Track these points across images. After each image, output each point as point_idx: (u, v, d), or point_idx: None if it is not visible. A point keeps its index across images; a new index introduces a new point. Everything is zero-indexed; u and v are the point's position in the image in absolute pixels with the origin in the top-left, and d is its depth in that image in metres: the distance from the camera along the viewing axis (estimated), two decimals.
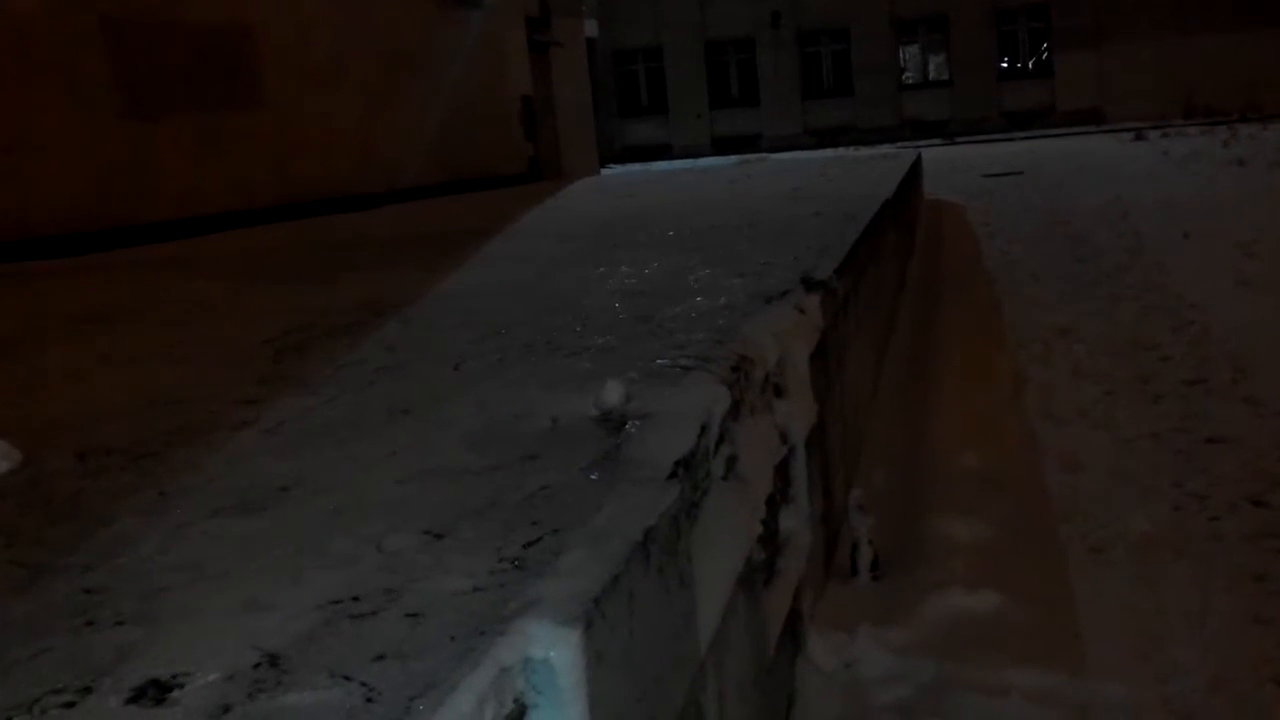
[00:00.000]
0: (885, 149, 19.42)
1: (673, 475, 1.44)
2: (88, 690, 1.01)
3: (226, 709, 0.93)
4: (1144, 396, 4.14)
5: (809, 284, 2.91)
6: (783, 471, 2.29)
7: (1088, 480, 3.26)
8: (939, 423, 3.95)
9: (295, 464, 1.66)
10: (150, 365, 2.63)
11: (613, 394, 1.70)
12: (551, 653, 1.00)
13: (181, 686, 0.99)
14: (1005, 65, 29.28)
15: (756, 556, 1.88)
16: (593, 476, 1.44)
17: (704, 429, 1.65)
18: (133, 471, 1.73)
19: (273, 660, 1.01)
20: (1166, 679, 2.02)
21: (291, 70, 8.29)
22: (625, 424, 1.64)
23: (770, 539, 2.11)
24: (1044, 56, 29.14)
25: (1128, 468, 3.36)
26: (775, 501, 2.20)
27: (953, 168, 15.82)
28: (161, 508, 1.53)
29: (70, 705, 0.98)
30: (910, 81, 30.04)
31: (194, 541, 1.38)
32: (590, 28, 17.39)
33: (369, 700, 0.92)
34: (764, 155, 21.34)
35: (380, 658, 0.99)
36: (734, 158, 19.59)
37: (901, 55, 29.95)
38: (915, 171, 9.58)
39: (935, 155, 17.14)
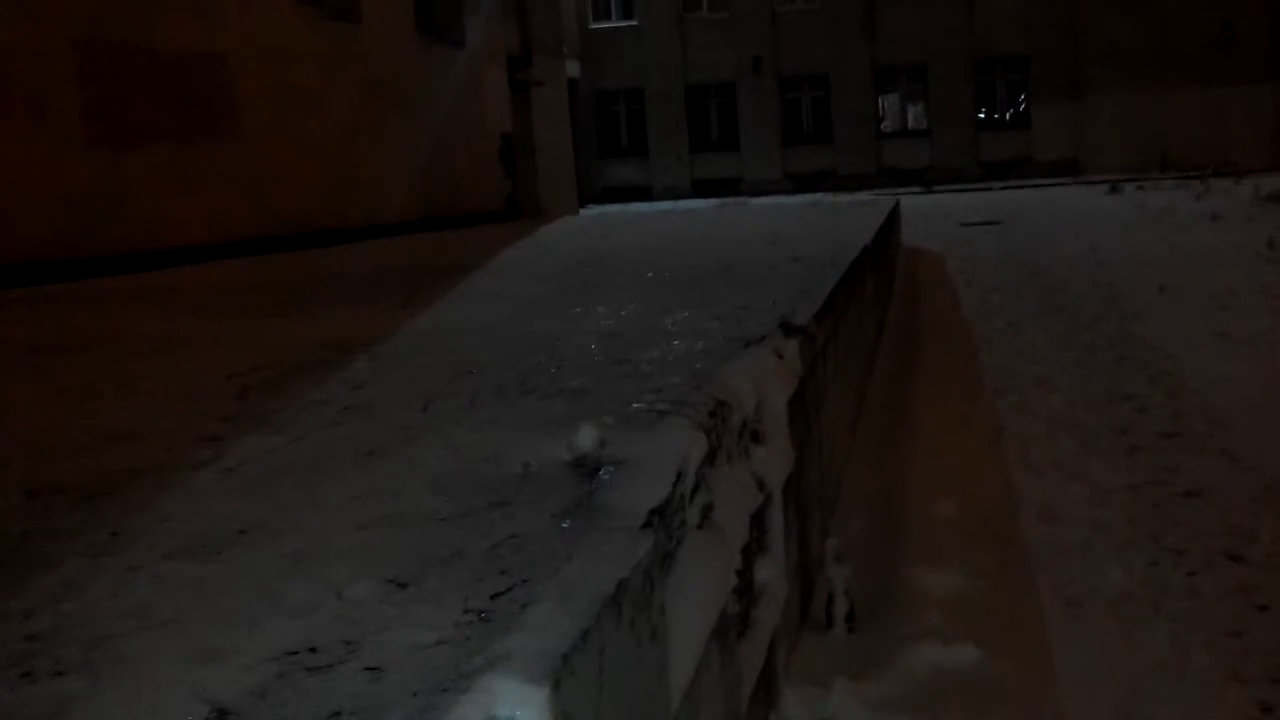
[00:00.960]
0: (863, 196, 19.67)
1: (646, 524, 1.40)
2: None
3: None
4: (1121, 448, 4.15)
5: (788, 329, 2.89)
6: (759, 520, 2.25)
7: (1065, 532, 3.25)
8: (916, 471, 3.93)
9: (254, 505, 1.60)
10: (110, 399, 2.56)
11: (586, 439, 1.66)
12: (518, 713, 0.95)
13: None
14: (983, 116, 29.88)
15: (731, 608, 1.83)
16: (564, 525, 1.39)
17: (679, 476, 1.61)
18: (84, 511, 1.66)
19: (222, 716, 0.96)
20: None
21: (269, 102, 8.28)
22: (599, 470, 1.60)
23: (745, 589, 2.06)
24: (1022, 108, 29.77)
25: (1105, 520, 3.35)
26: (751, 551, 2.15)
27: (930, 216, 16.03)
28: (112, 549, 1.46)
29: None
30: (889, 130, 30.56)
31: (144, 586, 1.32)
32: (572, 68, 17.58)
33: None
34: (744, 199, 21.54)
35: (336, 714, 0.94)
36: (714, 201, 19.75)
37: (881, 104, 30.50)
38: (894, 219, 9.68)
39: (913, 203, 17.36)
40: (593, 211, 15.29)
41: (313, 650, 1.08)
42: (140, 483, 1.77)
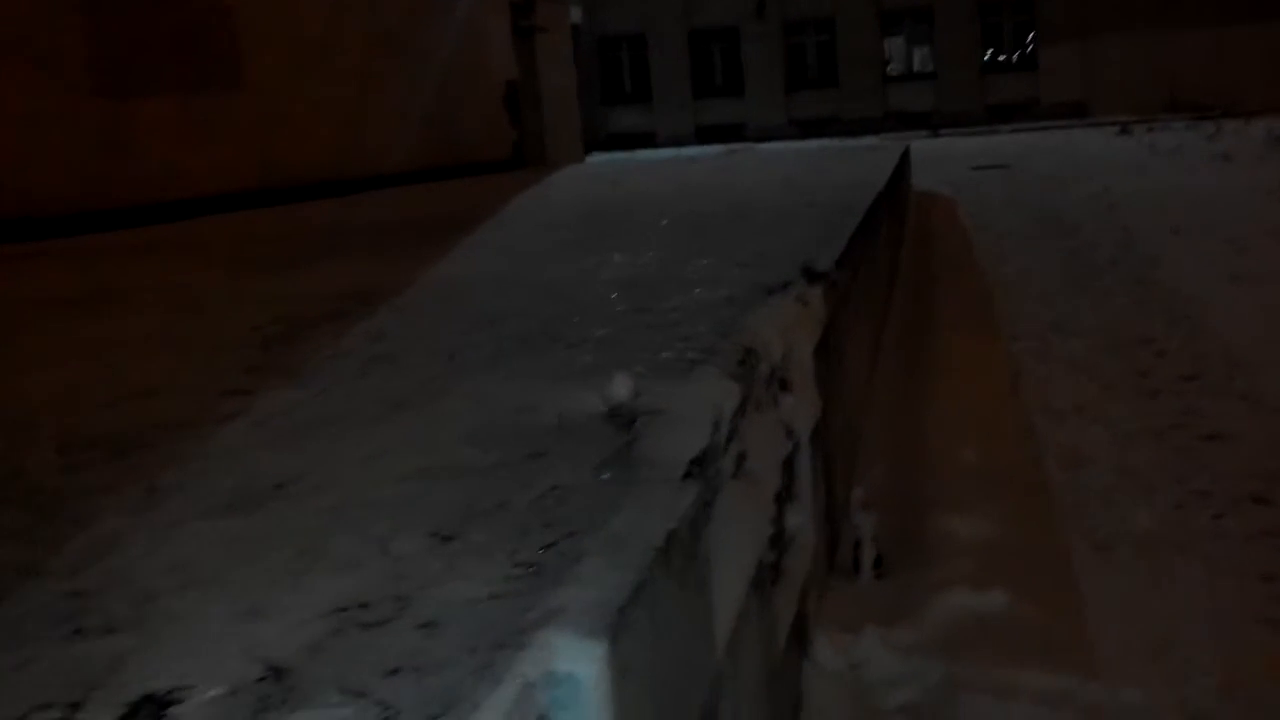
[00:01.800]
0: (870, 141, 19.39)
1: (688, 475, 1.38)
2: (77, 706, 0.93)
3: None
4: (1142, 392, 4.13)
5: (811, 275, 2.85)
6: (787, 468, 2.24)
7: (1089, 477, 3.24)
8: (936, 417, 3.91)
9: (289, 459, 1.59)
10: (131, 353, 2.53)
11: (621, 388, 1.64)
12: (577, 667, 0.94)
13: (180, 702, 0.92)
14: (990, 58, 29.34)
15: (767, 557, 1.82)
16: (605, 476, 1.37)
17: (716, 425, 1.59)
18: (117, 465, 1.65)
19: (278, 674, 0.95)
20: (1180, 681, 1.98)
21: (275, 51, 8.13)
22: (635, 420, 1.58)
23: (777, 538, 2.05)
24: (1028, 49, 29.22)
25: (1128, 464, 3.34)
26: (781, 499, 2.14)
27: (939, 160, 15.82)
28: (149, 505, 1.45)
29: None
30: (895, 73, 30.05)
31: (185, 542, 1.31)
32: (575, 14, 17.24)
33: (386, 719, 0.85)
34: (750, 145, 21.27)
35: (394, 672, 0.93)
36: (719, 147, 19.50)
37: (886, 47, 29.96)
38: (904, 163, 9.54)
39: (921, 147, 17.13)
40: (599, 159, 15.12)
41: (364, 606, 1.07)
42: (171, 437, 1.76)
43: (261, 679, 0.94)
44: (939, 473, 3.32)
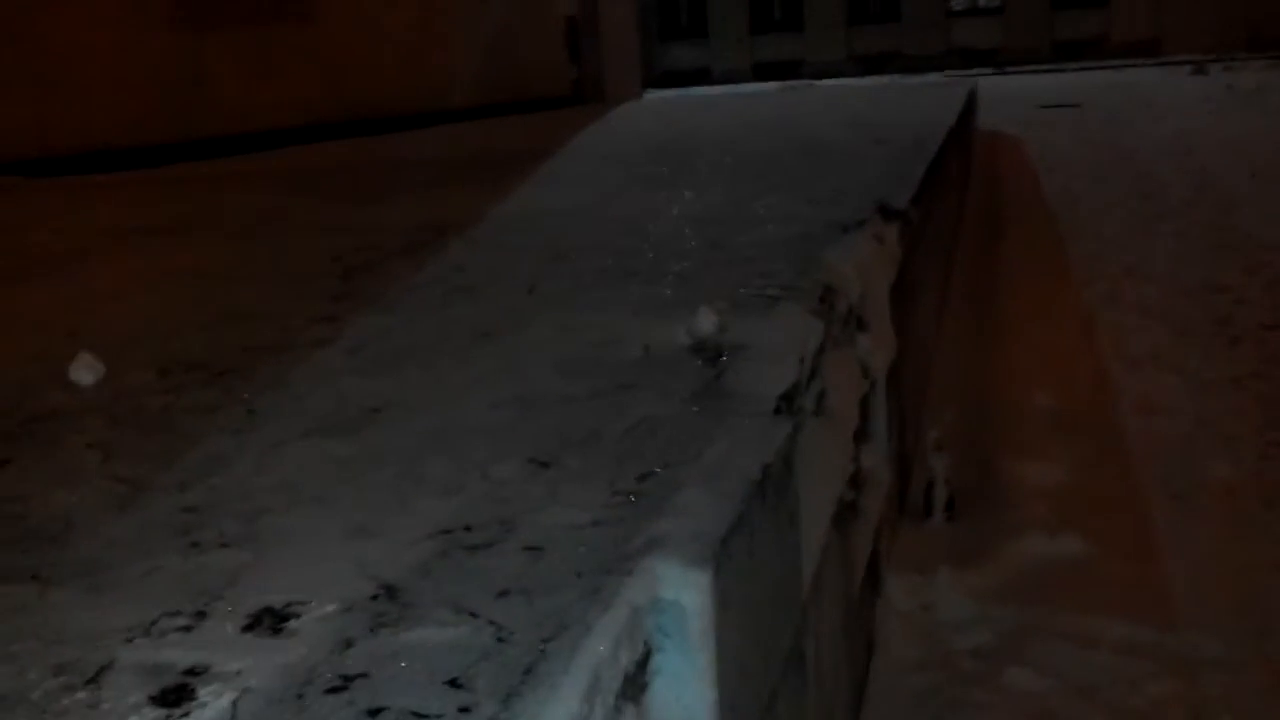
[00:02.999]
0: (932, 78, 18.79)
1: (778, 410, 1.38)
2: (202, 615, 0.97)
3: (349, 643, 0.89)
4: (1221, 340, 4.01)
5: (886, 213, 2.79)
6: (863, 408, 2.22)
7: (1165, 424, 3.17)
8: (1007, 362, 3.85)
9: (383, 384, 1.61)
10: (219, 279, 2.59)
11: (706, 322, 1.63)
12: (682, 594, 0.95)
13: (298, 616, 0.95)
14: None
15: (846, 495, 1.82)
16: (695, 408, 1.37)
17: (801, 361, 1.58)
18: (216, 388, 1.69)
19: (390, 592, 0.97)
20: (1265, 636, 1.95)
21: None
22: (721, 354, 1.57)
23: (854, 477, 2.05)
24: None
25: (1207, 412, 3.25)
26: (857, 439, 2.13)
27: (1005, 98, 15.27)
28: (251, 426, 1.49)
29: (187, 629, 0.95)
30: (959, 8, 28.95)
31: (288, 462, 1.34)
32: None
33: (500, 640, 0.87)
34: (809, 82, 20.74)
35: (504, 593, 0.95)
36: (777, 84, 19.05)
37: None
38: (971, 102, 9.24)
39: (986, 85, 16.51)
40: (656, 96, 14.88)
41: (468, 529, 1.09)
42: (266, 361, 1.79)
43: (374, 597, 0.96)
44: (1011, 417, 3.27)
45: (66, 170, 5.51)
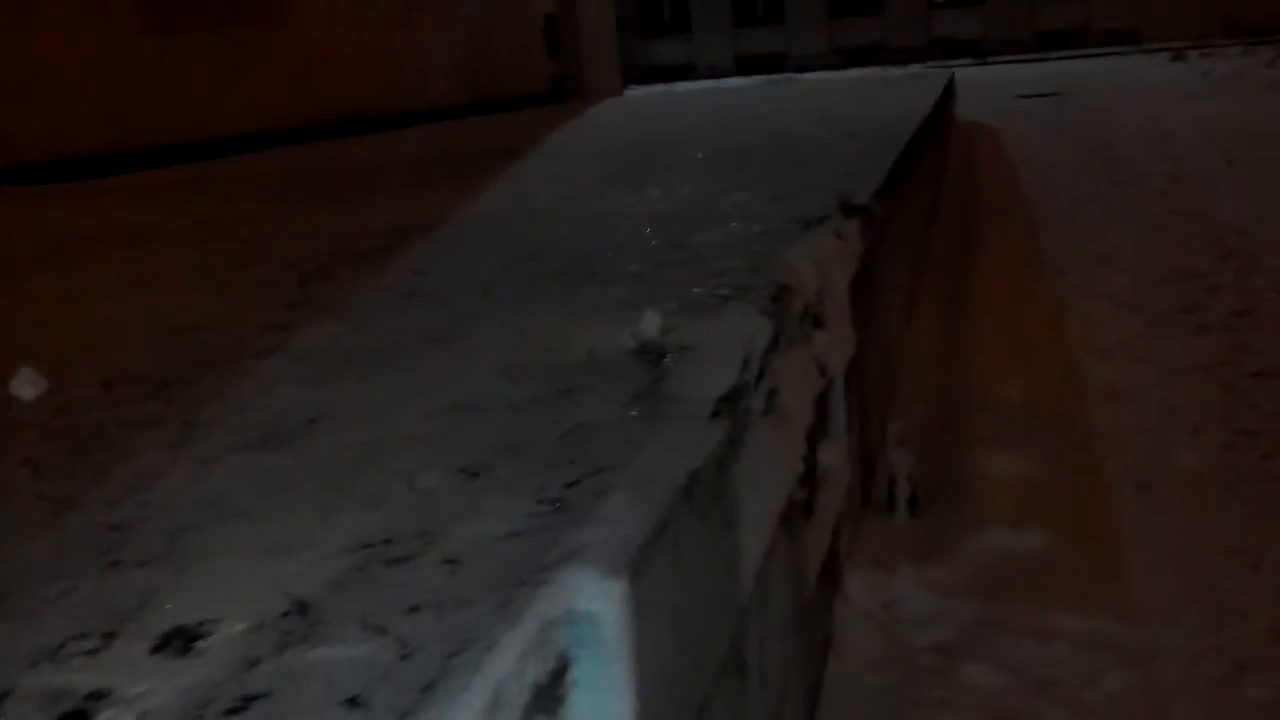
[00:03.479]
0: (915, 69, 18.81)
1: (715, 413, 1.37)
2: (112, 636, 0.96)
3: (254, 663, 0.88)
4: (1189, 327, 4.02)
5: (848, 209, 2.79)
6: (821, 405, 2.21)
7: (1133, 414, 3.17)
8: (978, 353, 3.85)
9: (323, 394, 1.60)
10: (174, 289, 2.57)
11: (650, 325, 1.62)
12: (596, 605, 0.94)
13: (208, 636, 0.94)
14: None
15: (797, 495, 1.81)
16: (633, 413, 1.36)
17: (746, 363, 1.57)
18: (158, 400, 1.67)
19: (302, 609, 0.96)
20: (1222, 626, 1.95)
21: None
22: (664, 357, 1.56)
23: (809, 475, 2.04)
24: None
25: (1174, 401, 3.26)
26: (814, 436, 2.13)
27: (984, 89, 15.31)
28: (186, 440, 1.47)
29: (94, 652, 0.94)
30: (941, 0, 29.02)
31: (219, 476, 1.33)
32: None
33: (403, 657, 0.86)
34: (791, 76, 20.77)
35: (415, 609, 0.94)
36: (760, 78, 19.07)
37: None
38: (948, 93, 9.26)
39: (967, 76, 16.55)
40: (638, 92, 14.87)
41: (388, 542, 1.08)
42: (212, 372, 1.78)
43: (286, 614, 0.95)
44: (979, 410, 3.27)
45: (36, 179, 5.48)
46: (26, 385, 1.72)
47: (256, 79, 7.40)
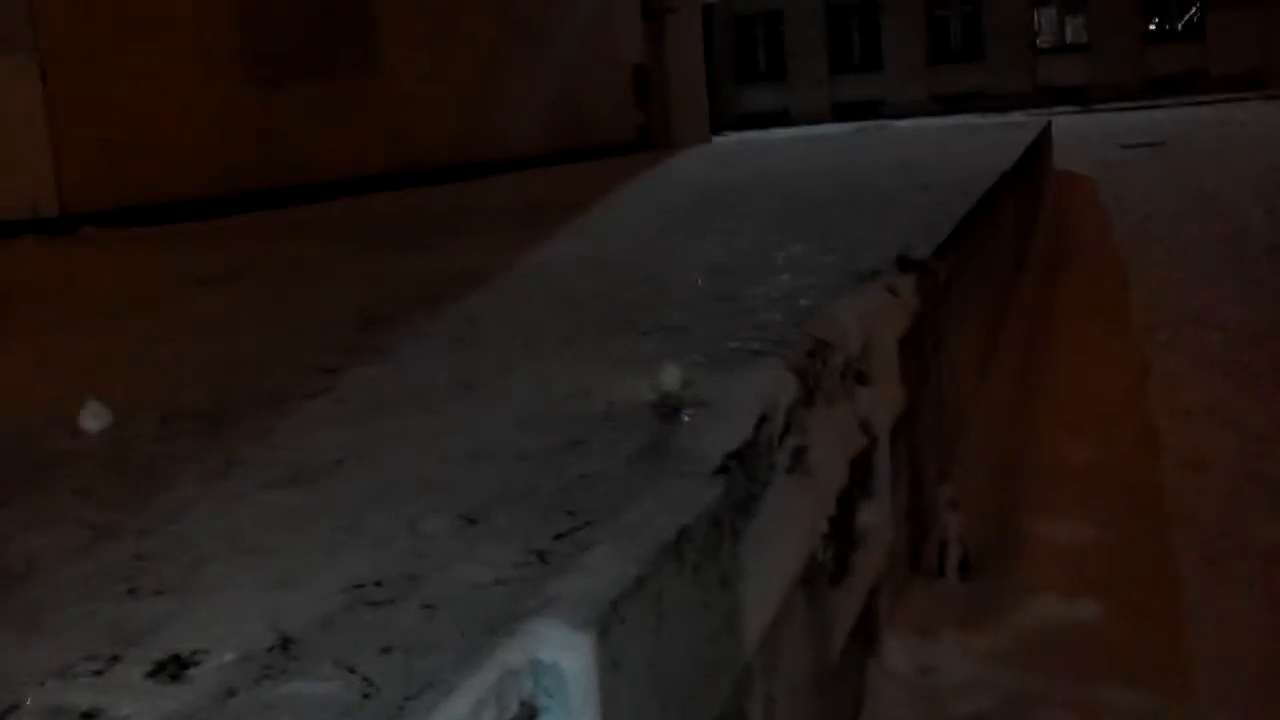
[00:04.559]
0: (1016, 116, 18.46)
1: (722, 469, 1.37)
2: (116, 659, 1.02)
3: (232, 693, 0.93)
4: None
5: (904, 263, 2.76)
6: (864, 464, 2.18)
7: (1212, 482, 3.02)
8: (1051, 413, 3.72)
9: (354, 436, 1.67)
10: (244, 328, 2.71)
11: (669, 378, 1.64)
12: (561, 657, 0.96)
13: (199, 664, 0.99)
14: (1152, 27, 27.35)
15: (822, 554, 1.79)
16: (636, 467, 1.38)
17: (763, 419, 1.57)
18: (207, 437, 1.77)
19: (286, 644, 1.01)
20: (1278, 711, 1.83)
21: (406, 36, 8.44)
22: (679, 411, 1.58)
23: (844, 534, 2.01)
24: (1194, 17, 27.07)
25: (1260, 470, 3.09)
26: (852, 496, 2.10)
27: (1088, 137, 14.92)
28: (223, 475, 1.56)
29: (98, 673, 1.00)
30: (1045, 45, 28.45)
31: (244, 512, 1.40)
32: None
33: (365, 696, 0.89)
34: (884, 123, 20.64)
35: (387, 650, 0.97)
36: (852, 125, 19.01)
37: (1036, 17, 28.35)
38: (1042, 141, 9.06)
39: (1070, 123, 16.17)
40: (728, 139, 15.00)
41: (378, 584, 1.12)
42: (261, 411, 1.87)
43: (271, 648, 1.00)
44: (1045, 471, 3.16)
45: (142, 221, 5.86)
46: (93, 418, 1.84)
47: (349, 127, 7.78)
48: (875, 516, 2.23)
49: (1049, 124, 10.02)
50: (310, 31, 7.56)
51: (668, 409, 1.59)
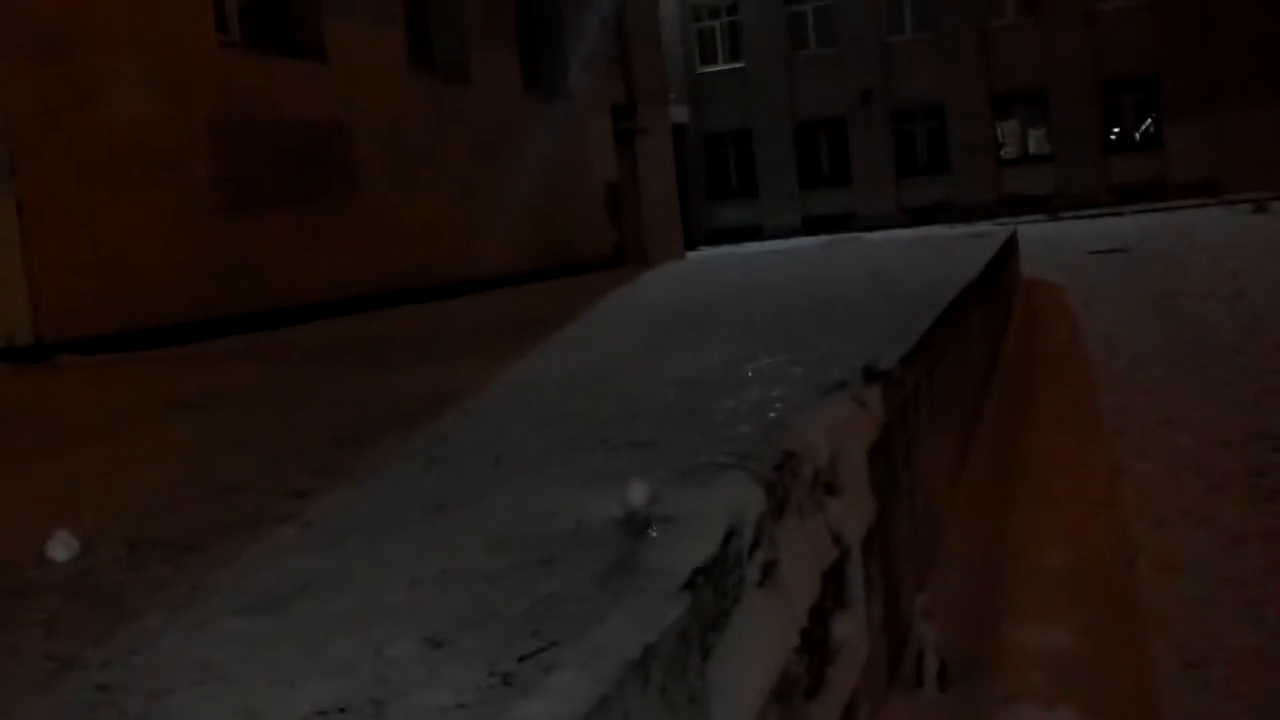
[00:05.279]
0: (984, 226, 19.06)
1: (689, 584, 1.39)
2: None
3: None
4: (1257, 492, 3.85)
5: (871, 374, 2.83)
6: (836, 575, 2.19)
7: (1188, 585, 3.03)
8: (1025, 519, 3.75)
9: (322, 561, 1.67)
10: (215, 454, 2.72)
11: (637, 495, 1.67)
12: None
13: None
14: (1112, 137, 28.58)
15: (795, 668, 1.78)
16: (602, 585, 1.39)
17: (731, 534, 1.60)
18: (174, 564, 1.77)
19: None
20: None
21: (384, 163, 8.72)
22: (648, 527, 1.60)
23: (818, 648, 2.00)
24: (1151, 128, 28.35)
25: (1235, 572, 3.10)
26: (826, 608, 2.10)
27: (1053, 244, 15.39)
28: (189, 603, 1.55)
29: None
30: (1009, 156, 29.61)
31: (209, 640, 1.39)
32: (680, 113, 17.82)
33: None
34: (855, 235, 21.24)
35: None
36: (823, 238, 19.55)
37: (1000, 130, 29.59)
38: (1008, 250, 9.35)
39: (1036, 232, 16.68)
40: (701, 254, 15.38)
41: (341, 710, 1.12)
42: (229, 537, 1.87)
43: None
44: (1021, 578, 3.17)
45: (121, 347, 5.90)
46: (61, 547, 1.84)
47: (327, 249, 7.94)
48: (849, 628, 2.22)
49: (1014, 233, 10.37)
50: (285, 160, 7.78)
51: (636, 526, 1.61)
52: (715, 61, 31.19)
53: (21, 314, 5.99)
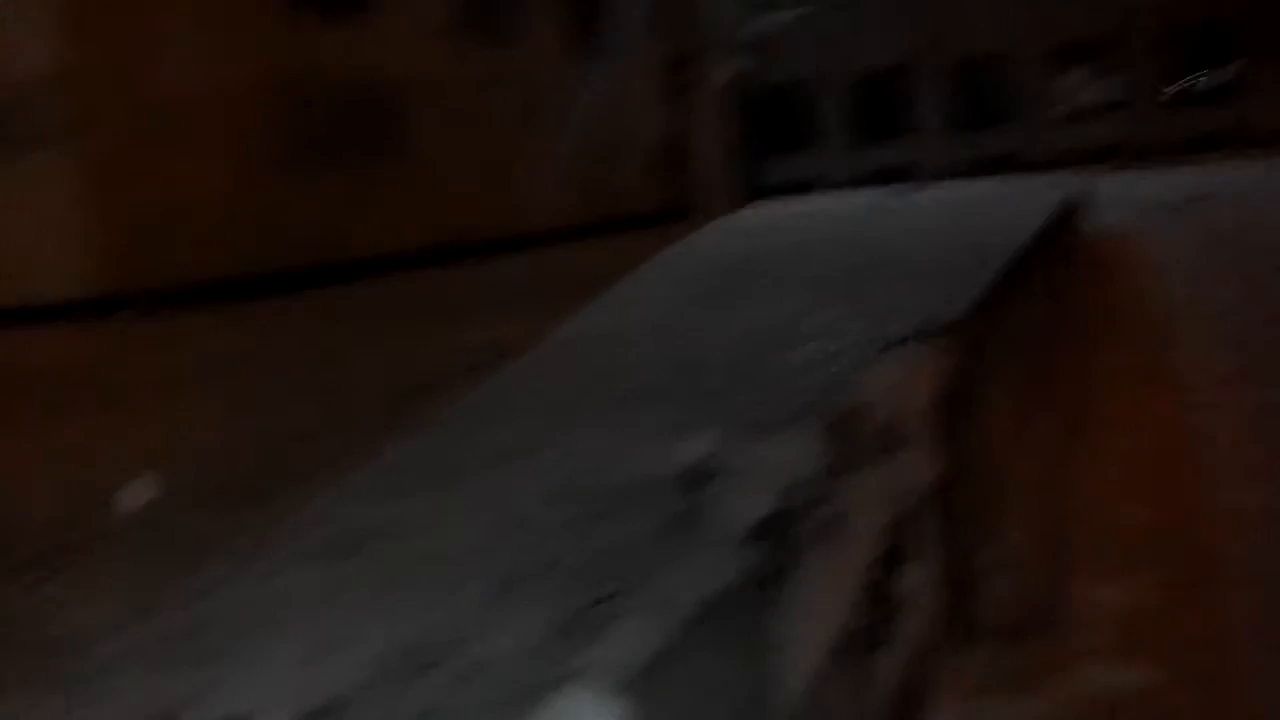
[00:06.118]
0: (1046, 179, 18.46)
1: (750, 538, 1.38)
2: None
3: None
4: None
5: (935, 328, 2.77)
6: (900, 530, 2.16)
7: (1266, 542, 2.93)
8: (1094, 474, 3.67)
9: (392, 509, 1.70)
10: (288, 407, 2.77)
11: (697, 448, 1.66)
12: None
13: None
14: (1189, 85, 27.34)
15: (858, 622, 1.77)
16: (664, 537, 1.39)
17: (794, 487, 1.58)
18: (246, 511, 1.81)
19: (325, 710, 1.03)
20: None
21: (435, 124, 8.74)
22: (707, 481, 1.59)
23: (883, 602, 1.99)
24: (1233, 72, 27.04)
25: None
26: (891, 562, 2.07)
27: (1123, 197, 14.86)
28: (262, 548, 1.59)
29: None
30: (1079, 105, 28.55)
31: (284, 583, 1.43)
32: (740, 63, 17.52)
33: None
34: (914, 188, 20.73)
35: (421, 717, 0.98)
36: (881, 191, 19.12)
37: (1069, 78, 28.51)
38: (1074, 204, 9.04)
39: (1106, 183, 16.10)
40: (756, 210, 15.18)
41: (408, 654, 1.13)
42: (301, 485, 1.91)
43: (310, 713, 1.02)
44: (1091, 533, 3.10)
45: (171, 304, 6.04)
46: (136, 496, 1.90)
47: (382, 206, 8.02)
48: (915, 582, 2.20)
49: (1081, 186, 10.02)
50: (339, 119, 7.85)
51: (695, 479, 1.60)
52: (777, 8, 30.48)
53: (87, 270, 6.17)
